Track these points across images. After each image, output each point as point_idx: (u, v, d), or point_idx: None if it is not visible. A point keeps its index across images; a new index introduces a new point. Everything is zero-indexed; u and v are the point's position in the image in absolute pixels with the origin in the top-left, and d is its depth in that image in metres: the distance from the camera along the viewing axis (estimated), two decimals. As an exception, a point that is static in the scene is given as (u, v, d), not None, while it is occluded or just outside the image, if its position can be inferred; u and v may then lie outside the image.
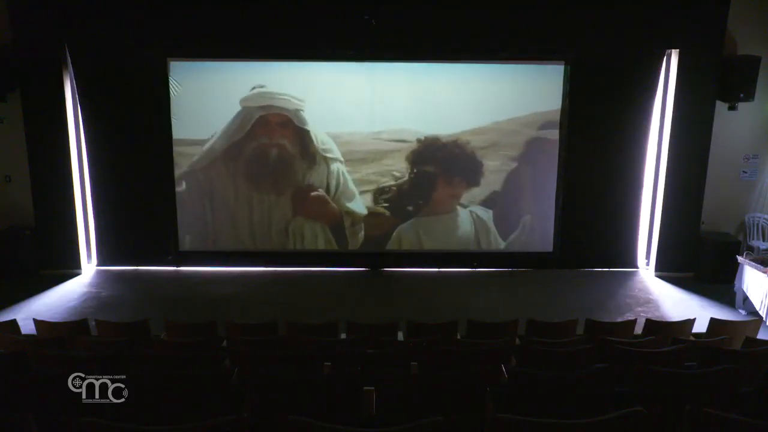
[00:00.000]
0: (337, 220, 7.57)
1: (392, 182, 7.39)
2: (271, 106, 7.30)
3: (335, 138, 7.36)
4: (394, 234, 7.65)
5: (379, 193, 7.48)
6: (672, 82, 7.26)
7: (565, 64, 7.33)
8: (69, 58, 7.16)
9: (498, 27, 7.18)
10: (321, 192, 7.41)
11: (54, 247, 7.46)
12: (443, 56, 7.30)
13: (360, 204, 7.49)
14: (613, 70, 7.31)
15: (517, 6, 7.11)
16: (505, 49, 7.28)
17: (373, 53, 7.23)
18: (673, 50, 7.23)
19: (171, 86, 7.32)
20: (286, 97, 7.27)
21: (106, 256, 7.74)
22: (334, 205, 7.48)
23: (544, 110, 7.44)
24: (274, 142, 7.31)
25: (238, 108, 7.31)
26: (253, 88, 7.26)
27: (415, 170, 7.42)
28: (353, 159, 7.41)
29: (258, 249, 7.66)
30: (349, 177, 7.40)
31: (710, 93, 7.21)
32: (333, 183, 7.41)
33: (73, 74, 7.22)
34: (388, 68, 7.33)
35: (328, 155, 7.36)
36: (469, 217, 7.63)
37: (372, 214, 7.53)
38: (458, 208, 7.60)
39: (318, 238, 7.57)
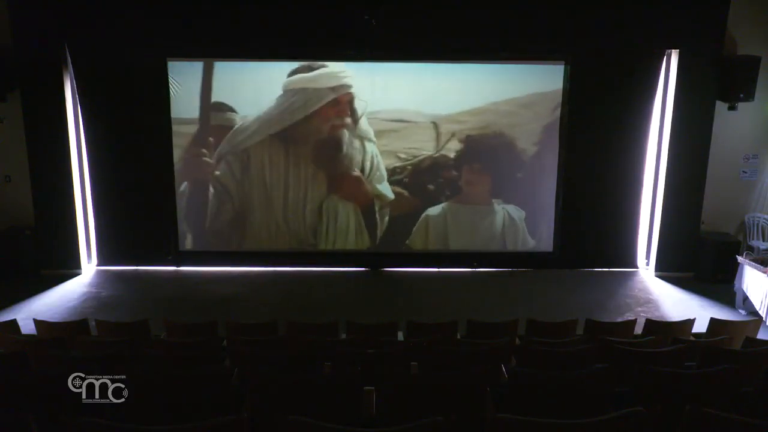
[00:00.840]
0: (369, 202, 7.50)
1: (400, 163, 7.36)
2: (342, 86, 7.18)
3: (370, 106, 7.28)
4: (422, 217, 7.57)
5: (390, 174, 7.44)
6: (672, 82, 7.26)
7: (565, 64, 7.33)
8: (69, 58, 7.16)
9: (498, 27, 7.18)
10: (358, 172, 7.32)
11: (54, 247, 7.46)
12: (443, 56, 7.30)
13: (388, 188, 7.42)
14: (613, 70, 7.32)
15: (517, 6, 7.11)
16: (505, 49, 7.28)
17: (373, 53, 7.23)
18: (673, 50, 7.23)
19: (171, 86, 7.32)
20: (346, 75, 7.16)
21: (106, 256, 7.74)
22: (368, 186, 7.39)
23: (544, 110, 7.44)
24: (340, 121, 7.18)
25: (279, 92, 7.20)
26: (309, 68, 7.10)
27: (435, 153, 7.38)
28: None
29: (291, 242, 7.59)
30: (381, 160, 7.31)
31: (710, 93, 7.21)
32: (368, 164, 7.31)
33: (73, 74, 7.23)
34: (389, 68, 7.33)
35: (367, 136, 7.27)
36: (501, 215, 7.60)
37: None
38: (494, 203, 7.57)
39: (350, 218, 7.44)
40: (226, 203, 7.56)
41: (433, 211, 7.60)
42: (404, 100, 7.31)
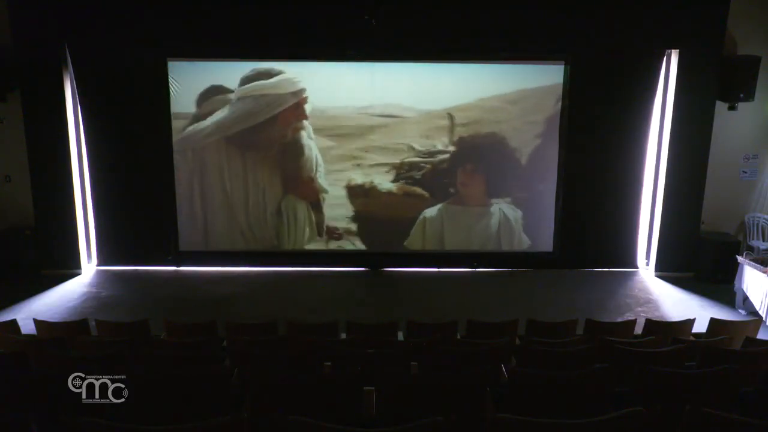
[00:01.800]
0: (317, 197, 7.63)
1: (396, 160, 7.45)
2: (301, 90, 7.29)
3: (322, 113, 7.37)
4: (419, 218, 7.64)
5: (397, 170, 7.52)
6: (672, 82, 7.26)
7: (565, 64, 7.33)
8: (69, 58, 7.16)
9: (498, 27, 7.18)
10: (311, 173, 7.52)
11: (54, 247, 7.46)
12: (443, 56, 7.30)
13: (325, 181, 7.55)
14: (613, 70, 7.31)
15: (517, 6, 7.11)
16: (505, 49, 7.28)
17: (373, 53, 7.23)
18: (673, 50, 7.23)
19: (171, 86, 7.32)
20: (301, 79, 7.30)
21: (106, 256, 7.74)
22: (316, 183, 7.58)
23: (543, 110, 7.44)
24: (300, 125, 7.36)
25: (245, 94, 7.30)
26: (267, 74, 7.24)
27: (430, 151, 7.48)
28: (341, 134, 7.43)
29: (254, 234, 7.66)
30: (320, 155, 7.49)
31: (710, 93, 7.21)
32: (313, 162, 7.50)
33: (73, 74, 7.22)
34: (388, 68, 7.34)
35: (312, 136, 7.44)
36: (497, 215, 7.63)
37: (390, 193, 7.56)
38: (491, 203, 7.60)
39: (305, 216, 7.64)
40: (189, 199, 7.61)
41: (430, 212, 7.62)
42: (398, 96, 7.36)
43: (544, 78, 7.38)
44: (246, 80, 7.29)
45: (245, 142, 7.40)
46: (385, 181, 7.55)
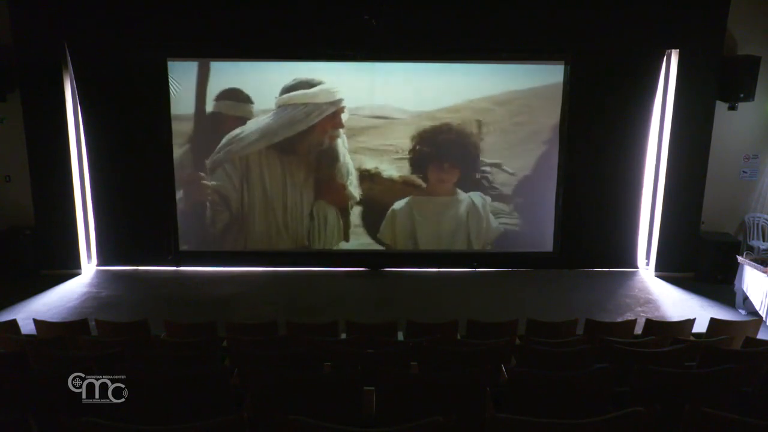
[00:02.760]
0: (345, 203, 7.72)
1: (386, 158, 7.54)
2: (339, 100, 7.40)
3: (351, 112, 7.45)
4: (389, 212, 7.69)
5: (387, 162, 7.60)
6: (672, 82, 7.26)
7: (565, 64, 7.33)
8: (69, 58, 7.16)
9: (498, 27, 7.18)
10: (341, 179, 7.64)
11: (54, 247, 7.46)
12: (443, 56, 7.30)
13: (357, 188, 7.66)
14: (613, 71, 7.32)
15: (517, 6, 7.11)
16: (505, 49, 7.28)
17: (373, 53, 7.23)
18: (673, 50, 7.23)
19: (171, 86, 7.32)
20: (340, 90, 7.40)
21: (106, 256, 7.74)
22: (346, 191, 7.67)
23: (543, 110, 7.44)
24: (336, 133, 7.49)
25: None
26: (308, 83, 7.36)
27: (412, 149, 7.54)
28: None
29: (290, 243, 7.74)
30: (352, 163, 7.60)
31: (710, 93, 7.21)
32: (345, 171, 7.61)
33: (73, 74, 7.22)
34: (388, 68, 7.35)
35: (347, 145, 7.54)
36: (465, 202, 7.67)
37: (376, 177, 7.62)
38: (458, 192, 7.63)
39: (336, 220, 7.75)
40: (222, 212, 7.67)
41: (398, 205, 7.69)
42: (392, 98, 7.39)
43: (543, 78, 7.38)
44: (288, 89, 7.35)
45: (286, 149, 7.50)
46: (388, 170, 7.63)
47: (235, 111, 7.42)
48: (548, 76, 7.38)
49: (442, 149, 7.53)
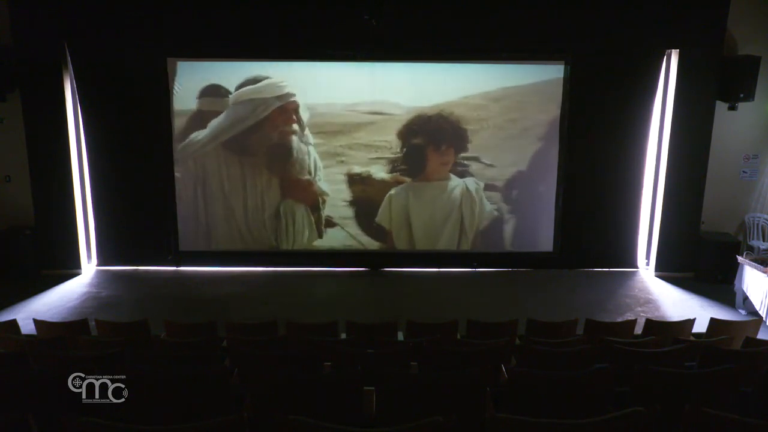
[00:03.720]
0: (316, 200, 7.69)
1: (376, 155, 7.53)
2: (287, 94, 7.37)
3: (311, 109, 7.41)
4: (386, 197, 7.68)
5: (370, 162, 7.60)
6: (672, 82, 7.26)
7: (565, 64, 7.33)
8: (69, 58, 7.16)
9: (498, 27, 7.18)
10: (308, 176, 7.60)
11: (54, 247, 7.46)
12: (443, 56, 7.30)
13: (326, 184, 7.64)
14: (613, 70, 7.31)
15: (517, 6, 7.11)
16: (505, 49, 7.28)
17: (373, 53, 7.23)
18: (673, 50, 7.23)
19: (173, 86, 7.31)
20: (287, 84, 7.36)
21: (106, 256, 7.74)
22: (315, 187, 7.65)
23: (543, 110, 7.44)
24: (288, 128, 7.45)
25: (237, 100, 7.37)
26: (255, 80, 7.31)
27: (405, 143, 7.56)
28: (328, 131, 7.48)
29: (253, 237, 7.71)
30: (319, 159, 7.59)
31: (710, 93, 7.21)
32: (313, 167, 7.60)
33: (73, 74, 7.22)
34: (388, 68, 7.35)
35: (310, 140, 7.52)
36: (459, 187, 7.67)
37: (366, 178, 7.63)
38: (452, 177, 7.64)
39: (304, 218, 7.74)
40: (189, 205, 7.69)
41: (396, 190, 7.68)
42: (389, 95, 7.40)
43: (538, 74, 7.37)
44: (238, 87, 7.34)
45: (239, 148, 7.47)
46: (378, 172, 7.61)
47: (215, 107, 7.41)
48: (543, 73, 7.36)
49: (437, 135, 7.52)
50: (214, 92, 7.37)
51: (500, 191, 7.68)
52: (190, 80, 7.32)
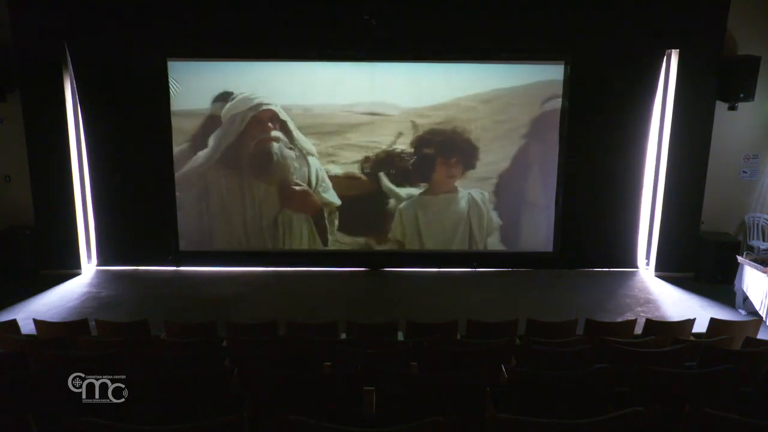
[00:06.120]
0: (319, 210, 7.70)
1: (369, 154, 7.55)
2: (258, 104, 7.40)
3: (306, 111, 7.41)
4: (396, 213, 7.70)
5: (363, 162, 7.61)
6: (672, 82, 7.26)
7: (565, 64, 7.33)
8: (69, 57, 7.16)
9: (498, 27, 7.18)
10: (304, 186, 7.62)
11: (54, 247, 7.46)
12: (443, 56, 7.30)
13: (334, 195, 7.66)
14: (613, 71, 7.31)
15: (517, 6, 7.11)
16: (505, 49, 7.28)
17: (373, 53, 7.23)
18: (673, 50, 7.23)
19: (171, 86, 7.32)
20: (258, 96, 7.40)
21: (106, 256, 7.73)
22: (315, 197, 7.66)
23: (543, 110, 7.44)
24: (266, 136, 7.48)
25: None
26: (227, 96, 7.39)
27: (409, 149, 7.56)
28: (322, 132, 7.49)
29: (253, 247, 7.74)
30: (324, 170, 7.60)
31: (710, 93, 7.21)
32: (313, 178, 7.62)
33: (73, 74, 7.22)
34: (388, 68, 7.35)
35: (310, 151, 7.53)
36: (466, 198, 7.69)
37: (350, 177, 7.63)
38: (459, 189, 7.65)
39: (302, 227, 7.76)
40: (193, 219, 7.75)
41: (404, 206, 7.70)
42: (388, 96, 7.41)
43: (543, 77, 7.37)
44: (216, 98, 7.41)
45: (230, 162, 7.53)
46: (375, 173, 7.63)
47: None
48: (543, 73, 7.36)
49: (444, 148, 7.53)
50: (225, 99, 7.41)
51: (500, 191, 7.68)
52: (190, 80, 7.32)
